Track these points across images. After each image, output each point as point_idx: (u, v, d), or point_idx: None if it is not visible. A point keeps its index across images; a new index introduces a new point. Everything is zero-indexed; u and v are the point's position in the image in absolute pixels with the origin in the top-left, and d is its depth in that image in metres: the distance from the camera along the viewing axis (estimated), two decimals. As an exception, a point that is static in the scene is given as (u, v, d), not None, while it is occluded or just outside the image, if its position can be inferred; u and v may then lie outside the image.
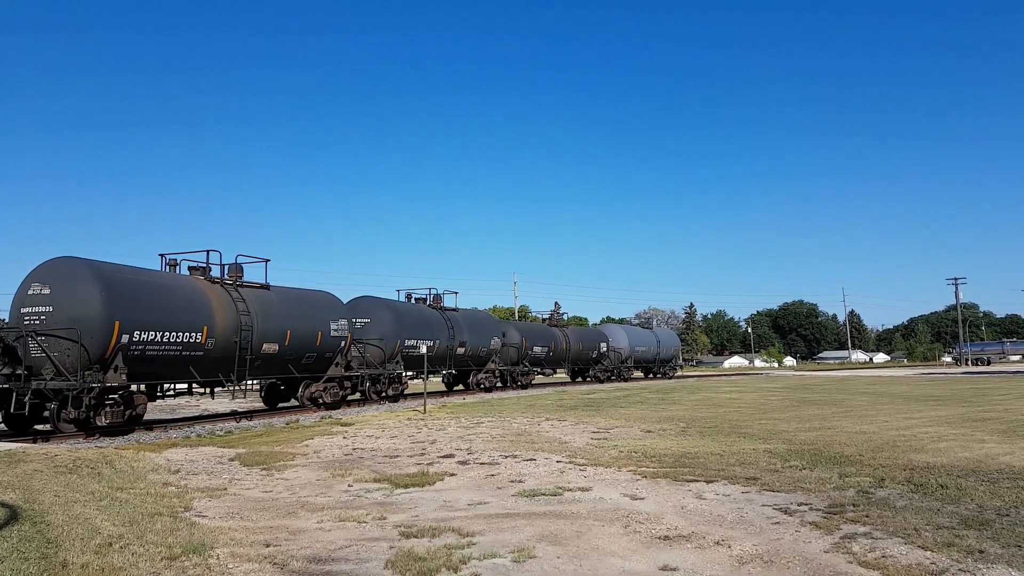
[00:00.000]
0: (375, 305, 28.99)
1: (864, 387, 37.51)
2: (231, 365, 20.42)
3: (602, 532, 7.61)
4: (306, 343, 23.14)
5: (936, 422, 18.37)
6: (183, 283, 19.96)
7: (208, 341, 19.49)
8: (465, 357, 33.51)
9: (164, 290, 18.95)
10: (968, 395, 29.33)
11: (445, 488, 10.40)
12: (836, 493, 9.43)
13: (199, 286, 20.23)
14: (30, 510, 7.98)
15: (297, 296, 23.99)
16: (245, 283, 21.90)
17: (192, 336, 19.02)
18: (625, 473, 11.23)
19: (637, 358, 51.68)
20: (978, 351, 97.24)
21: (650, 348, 54.04)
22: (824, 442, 14.52)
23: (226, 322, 20.08)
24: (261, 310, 21.43)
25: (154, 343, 17.99)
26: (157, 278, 19.39)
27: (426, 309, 32.30)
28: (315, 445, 15.36)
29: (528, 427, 18.39)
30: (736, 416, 21.13)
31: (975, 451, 12.97)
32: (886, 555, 6.56)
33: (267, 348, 21.53)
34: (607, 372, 48.29)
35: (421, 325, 30.29)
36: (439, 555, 6.69)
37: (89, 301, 16.69)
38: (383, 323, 28.23)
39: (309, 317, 23.47)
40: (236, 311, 20.53)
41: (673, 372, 60.22)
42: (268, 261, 23.02)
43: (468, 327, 33.70)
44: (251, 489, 10.58)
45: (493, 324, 36.88)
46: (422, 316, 31.09)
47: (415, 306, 32.29)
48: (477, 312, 37.15)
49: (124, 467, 11.87)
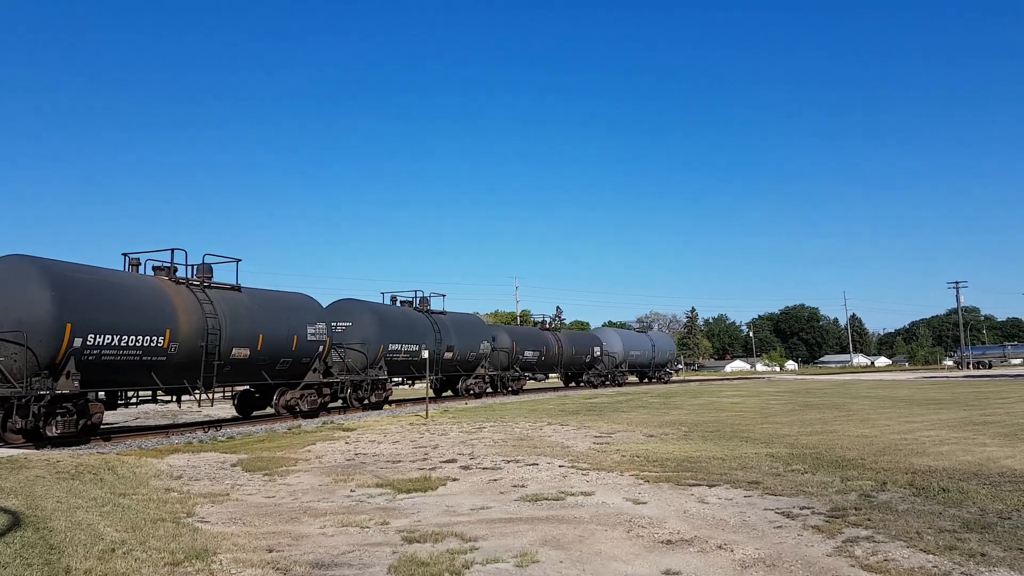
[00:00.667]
0: (357, 308, 27.95)
1: (866, 391, 37.47)
2: (197, 371, 19.38)
3: (605, 537, 7.61)
4: (280, 348, 22.11)
5: (938, 426, 18.36)
6: (144, 284, 18.89)
7: (171, 345, 18.41)
8: (453, 362, 32.66)
9: (123, 291, 17.83)
10: (970, 399, 29.30)
11: (448, 493, 10.40)
12: (838, 497, 9.42)
13: (162, 287, 19.22)
14: (33, 516, 7.99)
15: (271, 298, 22.94)
16: (214, 284, 20.85)
17: (153, 340, 17.92)
18: (627, 477, 11.23)
19: (632, 362, 51.10)
20: (979, 355, 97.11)
21: (645, 352, 53.34)
22: (826, 446, 14.51)
23: (191, 325, 19.04)
24: (230, 313, 20.34)
25: (111, 347, 16.90)
26: (115, 278, 18.25)
27: (412, 312, 31.33)
28: (317, 450, 15.36)
29: (530, 432, 18.38)
30: (738, 420, 21.11)
31: (977, 454, 12.96)
32: (888, 559, 6.56)
33: (237, 353, 20.42)
34: (601, 377, 47.58)
35: (406, 329, 29.32)
36: (442, 560, 6.69)
37: (37, 302, 15.72)
38: (365, 327, 27.22)
39: (284, 320, 22.39)
40: (203, 313, 19.48)
41: (669, 377, 59.49)
42: (239, 261, 22.02)
43: (456, 331, 32.78)
44: (253, 494, 10.58)
45: (482, 328, 36.00)
46: (407, 320, 30.09)
47: (400, 309, 31.28)
48: (466, 315, 36.14)
49: (126, 473, 11.88)
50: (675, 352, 62.75)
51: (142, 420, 26.47)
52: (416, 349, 29.07)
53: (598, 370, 47.27)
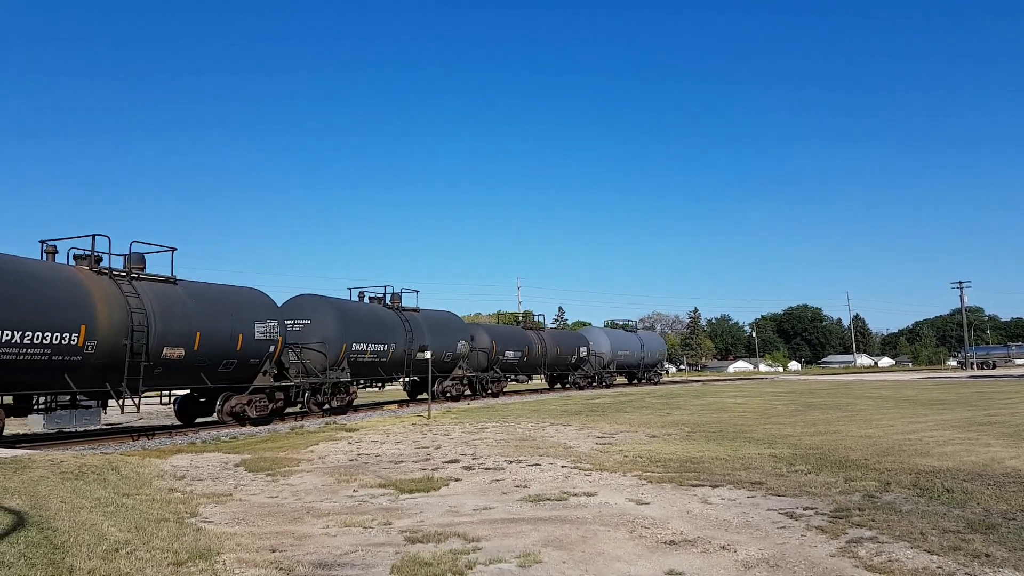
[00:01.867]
0: (316, 304, 25.61)
1: (869, 391, 37.43)
2: (121, 373, 17.21)
3: (608, 537, 7.60)
4: (222, 347, 19.87)
5: (941, 426, 18.32)
6: (57, 273, 16.67)
7: (87, 344, 16.24)
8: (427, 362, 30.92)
9: (28, 281, 15.58)
10: (973, 399, 29.24)
11: (450, 493, 10.40)
12: (842, 497, 9.41)
13: (78, 277, 16.95)
14: (37, 516, 8.00)
15: (212, 293, 20.64)
16: (144, 276, 18.58)
17: (66, 338, 15.81)
18: (630, 478, 11.22)
19: (620, 363, 49.42)
20: (983, 355, 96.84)
21: (633, 352, 51.39)
22: (829, 446, 14.49)
23: (113, 321, 16.85)
24: (161, 308, 18.07)
25: (11, 345, 14.86)
26: (19, 266, 15.94)
27: (380, 310, 29.03)
28: (320, 451, 15.38)
29: (533, 432, 18.38)
30: (741, 421, 21.10)
31: (981, 455, 12.93)
32: (892, 559, 6.55)
33: (170, 353, 18.16)
34: (587, 378, 45.84)
35: (373, 327, 27.11)
36: (445, 560, 6.69)
37: None
38: (325, 325, 24.98)
39: (227, 317, 20.14)
40: (127, 308, 17.22)
41: (658, 378, 57.60)
42: (174, 250, 19.62)
43: (430, 329, 30.62)
44: (256, 495, 10.59)
45: (459, 326, 33.96)
46: (374, 317, 27.79)
47: (367, 306, 28.96)
48: (441, 313, 33.81)
49: (130, 473, 11.90)
50: (665, 352, 61.15)
51: (146, 421, 26.53)
52: (384, 349, 27.12)
53: (584, 371, 45.57)
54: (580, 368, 45.29)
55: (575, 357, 44.52)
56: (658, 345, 57.73)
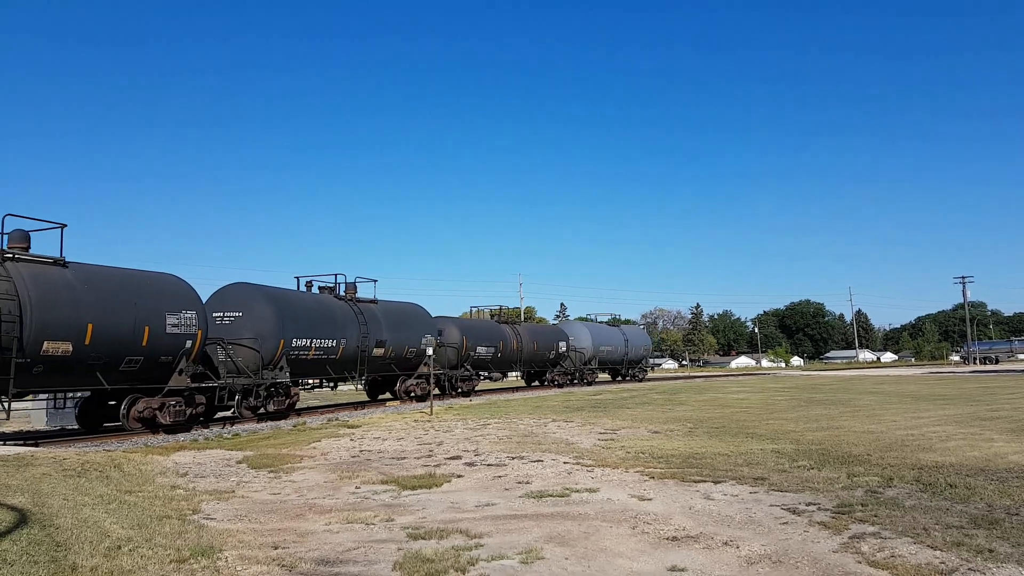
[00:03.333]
0: (249, 294, 22.40)
1: (871, 387, 37.40)
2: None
3: (610, 533, 7.60)
4: (123, 342, 16.73)
5: (944, 421, 18.30)
6: None
7: None
8: (386, 359, 27.43)
9: None
10: (976, 394, 29.21)
11: (452, 490, 10.40)
12: (844, 493, 9.40)
13: None
14: (39, 513, 8.01)
15: (111, 278, 17.32)
16: (21, 256, 15.87)
17: None
18: (632, 474, 11.22)
19: (602, 359, 46.84)
20: (986, 350, 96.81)
21: (617, 348, 48.81)
22: (832, 442, 14.48)
23: None
24: (41, 294, 15.35)
25: None
26: None
27: (329, 300, 25.79)
28: (322, 447, 15.39)
29: (535, 428, 18.38)
30: (743, 416, 21.08)
31: (984, 450, 12.92)
32: (895, 555, 6.54)
33: (52, 348, 15.43)
34: (567, 375, 43.19)
35: (319, 320, 23.92)
36: (447, 557, 6.69)
37: None
38: (259, 317, 21.75)
39: (129, 307, 16.95)
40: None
41: (644, 374, 54.69)
42: (64, 227, 16.76)
43: (389, 323, 27.56)
44: (259, 491, 10.61)
45: (424, 320, 30.90)
46: (321, 309, 24.59)
47: (312, 296, 25.74)
48: (404, 305, 30.88)
49: (132, 470, 11.92)
50: (650, 348, 58.19)
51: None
52: (333, 345, 24.07)
53: (564, 368, 42.92)
54: (559, 364, 42.84)
55: (553, 353, 41.97)
56: (643, 340, 55.29)
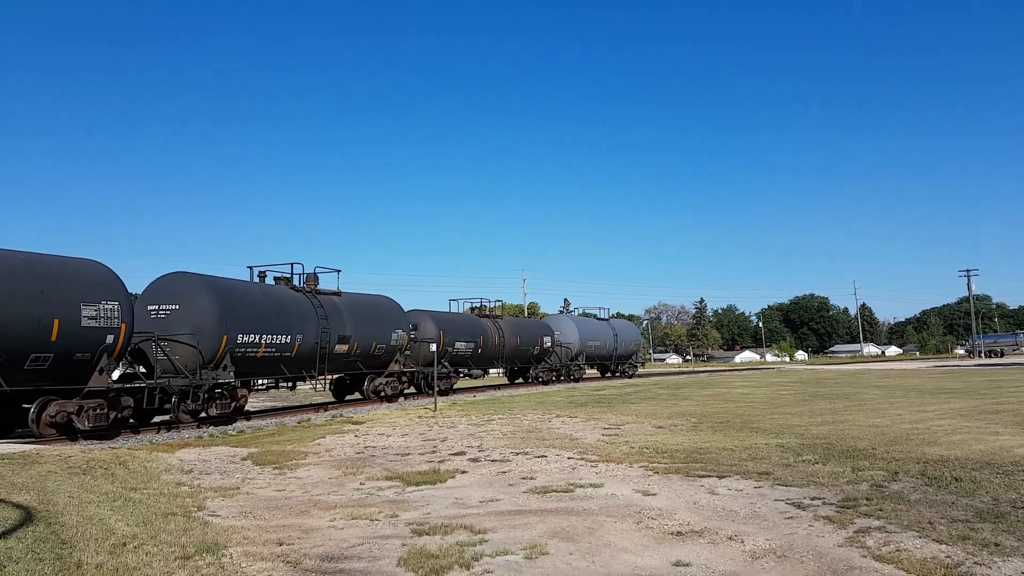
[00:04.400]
0: (187, 285, 19.90)
1: (876, 380, 37.32)
2: None
3: (614, 528, 7.59)
4: (27, 337, 14.84)
5: (950, 415, 18.26)
6: None
7: None
8: (351, 357, 25.31)
9: None
10: (981, 387, 29.14)
11: (457, 485, 10.40)
12: (849, 487, 9.38)
13: None
14: (44, 511, 8.03)
15: (9, 263, 15.12)
16: None
17: None
18: (637, 469, 11.21)
19: (590, 354, 45.20)
20: (991, 343, 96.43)
21: (605, 343, 47.12)
22: (837, 436, 14.46)
23: None
24: None
25: None
26: None
27: (282, 292, 23.22)
28: (327, 444, 15.40)
29: (539, 424, 18.38)
30: (748, 411, 21.06)
31: (989, 443, 12.88)
32: (901, 549, 6.52)
33: None
34: (552, 372, 41.51)
35: (270, 314, 21.58)
36: (451, 552, 6.69)
37: None
38: (198, 310, 19.35)
39: (34, 298, 14.99)
40: None
41: (634, 370, 52.98)
42: None
43: (355, 317, 25.39)
44: (264, 488, 10.62)
45: (395, 314, 28.65)
46: (273, 301, 22.15)
47: (261, 287, 23.04)
48: (372, 297, 28.49)
49: (137, 467, 11.93)
50: (640, 342, 56.15)
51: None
52: (287, 341, 21.94)
53: (549, 364, 41.22)
54: (544, 360, 41.05)
55: (538, 348, 40.18)
56: (632, 335, 53.44)
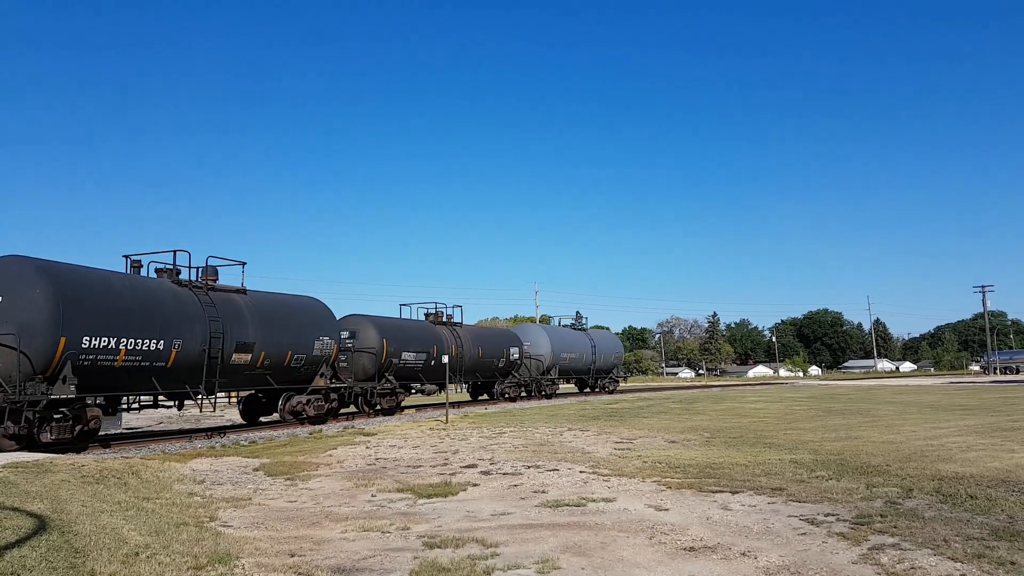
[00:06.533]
0: (16, 270, 15.47)
1: (891, 396, 37.05)
2: None
3: (627, 543, 7.56)
4: None
5: (965, 432, 18.09)
6: None
7: None
8: (257, 370, 20.56)
9: None
10: (997, 404, 28.87)
11: (468, 498, 10.39)
12: (863, 504, 9.31)
13: None
14: (58, 520, 8.07)
15: None
16: None
17: None
18: (649, 484, 11.16)
19: (564, 367, 40.98)
20: (1007, 359, 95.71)
21: (582, 355, 42.74)
22: (851, 452, 14.35)
23: None
24: None
25: None
26: None
27: (159, 285, 18.56)
28: (338, 455, 15.42)
29: (550, 437, 18.34)
30: (761, 426, 20.94)
31: (1005, 461, 12.75)
32: (915, 566, 6.46)
33: None
34: (521, 387, 37.17)
35: (136, 311, 16.97)
36: (463, 566, 6.68)
37: None
38: (27, 304, 15.08)
39: None
40: None
41: (614, 385, 47.97)
42: None
43: (261, 321, 20.68)
44: (275, 499, 10.64)
45: (320, 318, 23.80)
46: (141, 296, 17.45)
47: (125, 278, 17.88)
48: (291, 298, 23.77)
49: (150, 477, 11.99)
50: (622, 355, 50.77)
51: (165, 424, 26.75)
52: (160, 347, 17.29)
53: (517, 378, 36.96)
54: (511, 374, 36.79)
55: (503, 361, 35.80)
56: (613, 346, 48.60)
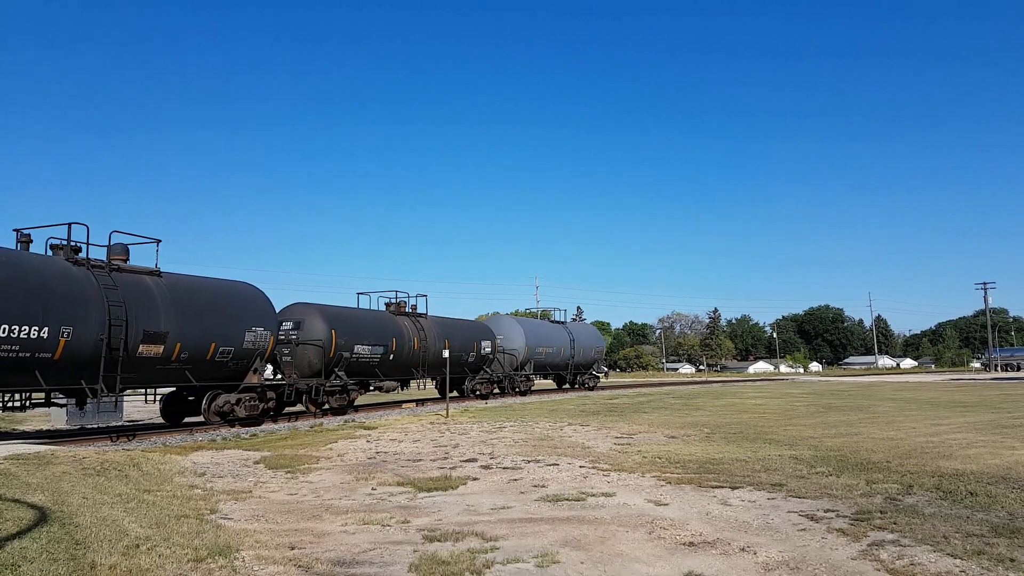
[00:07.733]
0: None
1: (891, 393, 37.06)
2: None
3: (626, 538, 7.57)
4: None
5: (965, 428, 18.10)
6: None
7: None
8: (171, 364, 17.94)
9: None
10: (998, 401, 28.87)
11: (468, 492, 10.41)
12: (863, 500, 9.31)
13: None
14: (59, 512, 8.09)
15: None
16: None
17: None
18: (649, 479, 11.18)
19: (540, 362, 38.77)
20: (1008, 356, 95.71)
21: (560, 349, 40.45)
22: (851, 448, 14.36)
23: None
24: None
25: None
26: None
27: (46, 262, 15.77)
28: (339, 448, 15.45)
29: (550, 432, 18.36)
30: (761, 422, 20.95)
31: (1005, 458, 12.75)
32: (914, 563, 6.47)
33: None
34: (493, 383, 35.04)
35: (11, 294, 14.28)
36: (462, 559, 6.69)
37: None
38: None
39: None
40: None
41: (595, 382, 45.65)
42: None
43: (178, 307, 18.03)
44: (276, 492, 10.66)
45: (253, 306, 20.88)
46: (19, 275, 14.69)
47: (1, 252, 14.97)
48: (217, 283, 20.82)
49: (151, 470, 12.01)
50: (602, 349, 48.44)
51: None
52: (43, 337, 14.69)
53: (489, 373, 34.66)
54: (483, 369, 34.47)
55: (473, 355, 33.31)
56: (593, 340, 45.95)
